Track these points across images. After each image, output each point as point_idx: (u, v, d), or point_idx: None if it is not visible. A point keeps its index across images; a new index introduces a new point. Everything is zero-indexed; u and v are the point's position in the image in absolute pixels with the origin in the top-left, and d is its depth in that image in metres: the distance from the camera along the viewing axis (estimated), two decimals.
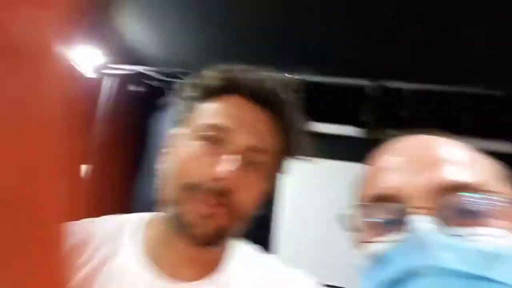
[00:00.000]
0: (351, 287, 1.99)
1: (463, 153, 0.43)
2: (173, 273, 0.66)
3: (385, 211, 0.42)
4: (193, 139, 0.66)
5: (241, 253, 0.73)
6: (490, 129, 1.94)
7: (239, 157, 0.63)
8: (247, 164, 0.65)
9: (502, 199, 0.39)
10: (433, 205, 0.38)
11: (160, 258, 0.67)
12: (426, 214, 0.38)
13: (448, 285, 0.35)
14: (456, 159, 0.42)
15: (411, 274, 0.37)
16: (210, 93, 0.70)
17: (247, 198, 0.65)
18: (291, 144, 0.72)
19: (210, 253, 0.68)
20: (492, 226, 0.37)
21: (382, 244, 0.41)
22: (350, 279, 2.16)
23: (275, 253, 2.16)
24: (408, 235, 0.38)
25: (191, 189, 0.62)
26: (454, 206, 0.38)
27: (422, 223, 0.37)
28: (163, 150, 0.72)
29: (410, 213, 0.39)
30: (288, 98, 0.71)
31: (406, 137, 0.47)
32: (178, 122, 0.73)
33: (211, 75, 0.71)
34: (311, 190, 2.47)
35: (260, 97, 0.69)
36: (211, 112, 0.68)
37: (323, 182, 2.46)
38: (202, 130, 0.66)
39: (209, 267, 0.68)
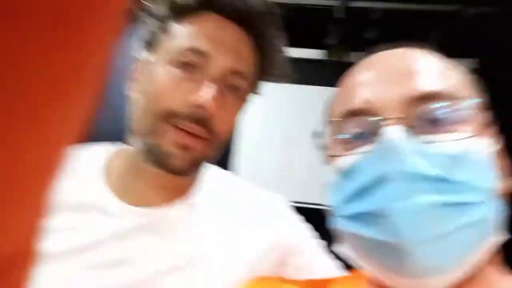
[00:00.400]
0: (312, 201, 2.10)
1: (433, 63, 0.43)
2: (143, 200, 0.65)
3: (357, 125, 0.42)
4: (168, 64, 0.61)
5: (212, 176, 0.72)
6: (458, 48, 1.93)
7: (219, 82, 0.60)
8: (227, 88, 0.62)
9: (469, 106, 0.39)
10: (405, 115, 0.39)
11: (129, 187, 0.65)
12: (398, 123, 0.38)
13: (416, 188, 0.36)
14: (426, 69, 0.42)
15: (379, 181, 0.37)
16: (184, 10, 0.64)
17: (225, 124, 0.63)
18: (269, 66, 0.69)
19: (182, 179, 0.66)
20: (460, 131, 0.38)
21: (351, 157, 0.41)
22: (310, 195, 2.27)
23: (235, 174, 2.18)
24: (379, 144, 0.39)
25: (169, 117, 0.59)
26: (425, 116, 0.39)
27: (393, 132, 0.38)
28: (132, 77, 0.67)
29: (382, 124, 0.39)
30: (268, 17, 0.66)
31: (378, 52, 0.46)
32: (149, 45, 0.66)
33: None
34: (274, 112, 2.47)
35: (239, 15, 0.64)
36: (187, 34, 0.62)
37: (287, 105, 2.47)
38: (179, 54, 0.61)
39: (181, 191, 0.67)
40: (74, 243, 0.61)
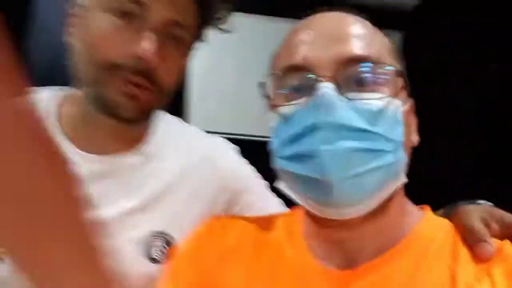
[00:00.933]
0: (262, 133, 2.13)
1: (364, 30, 0.51)
2: (99, 148, 0.69)
3: (295, 80, 0.49)
4: (105, 11, 0.62)
5: (164, 124, 0.76)
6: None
7: (160, 33, 0.62)
8: (168, 39, 0.64)
9: (389, 71, 0.49)
10: (337, 74, 0.47)
11: (84, 136, 0.68)
12: (330, 81, 0.46)
13: (339, 136, 0.45)
14: (357, 35, 0.50)
15: (311, 129, 0.46)
16: None
17: (170, 75, 0.66)
18: (210, 15, 0.71)
19: (134, 128, 0.69)
20: (379, 92, 0.48)
21: (290, 107, 0.49)
22: (261, 129, 2.31)
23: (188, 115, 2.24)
24: (312, 97, 0.47)
25: (111, 68, 0.61)
26: (352, 76, 0.48)
27: (326, 89, 0.45)
28: (71, 22, 0.67)
29: (317, 81, 0.47)
30: None
31: (319, 14, 0.53)
32: None
33: None
34: (227, 43, 2.40)
35: None
36: None
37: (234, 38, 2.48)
38: (116, 2, 0.61)
39: (135, 139, 0.71)
40: None
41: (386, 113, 0.47)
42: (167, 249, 0.66)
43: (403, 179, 0.50)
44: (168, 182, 0.71)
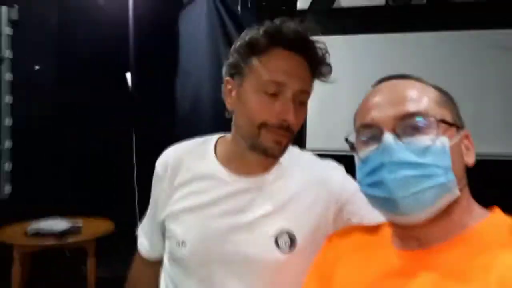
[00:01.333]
0: None
1: (415, 92, 0.70)
2: (245, 172, 1.00)
3: (369, 133, 0.71)
4: (258, 92, 0.92)
5: (290, 153, 1.04)
6: None
7: (293, 100, 0.92)
8: (298, 103, 0.94)
9: (435, 119, 0.66)
10: (395, 127, 0.67)
11: (235, 163, 1.02)
12: (390, 132, 0.67)
13: (399, 168, 0.65)
14: (410, 97, 0.69)
15: (380, 166, 0.67)
16: (259, 47, 0.93)
17: (299, 124, 0.96)
18: (320, 76, 0.98)
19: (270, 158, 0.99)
20: (428, 134, 0.66)
21: (366, 152, 0.71)
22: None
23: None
24: (379, 145, 0.67)
25: (262, 126, 0.92)
26: (407, 125, 0.67)
27: (387, 137, 0.66)
28: (225, 92, 1.00)
29: (381, 132, 0.68)
30: (315, 43, 0.95)
31: (385, 83, 0.75)
32: (234, 71, 0.98)
33: (256, 31, 0.94)
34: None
35: (298, 47, 0.93)
36: (266, 68, 0.92)
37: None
38: (264, 85, 0.92)
39: (270, 164, 1.01)
40: (203, 200, 1.00)
41: (433, 147, 0.65)
42: (290, 242, 0.94)
43: (457, 193, 0.66)
44: (293, 194, 0.98)
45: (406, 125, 0.67)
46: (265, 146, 0.94)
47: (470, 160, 0.71)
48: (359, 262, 0.77)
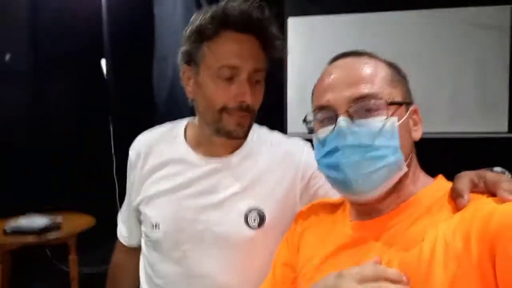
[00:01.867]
0: None
1: (368, 72, 0.73)
2: (212, 154, 1.05)
3: (324, 114, 0.75)
4: (213, 77, 0.95)
5: (255, 133, 1.09)
6: None
7: (249, 80, 0.95)
8: (254, 82, 0.97)
9: (386, 101, 0.71)
10: (349, 109, 0.71)
11: (202, 147, 1.06)
12: (344, 115, 0.71)
13: (352, 152, 0.70)
14: (363, 78, 0.73)
15: (335, 150, 0.72)
16: (209, 34, 0.94)
17: (258, 102, 1.00)
18: (274, 53, 1.01)
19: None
20: (379, 115, 0.70)
21: (322, 133, 0.75)
22: None
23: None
24: (335, 128, 0.72)
25: (223, 110, 0.96)
26: (360, 108, 0.71)
27: (342, 121, 0.71)
28: (184, 80, 1.03)
29: (336, 115, 0.72)
30: (267, 20, 0.96)
31: (338, 61, 0.78)
32: (190, 59, 1.00)
33: (203, 16, 0.94)
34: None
35: (248, 27, 0.95)
36: (219, 54, 0.94)
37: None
38: (218, 70, 0.94)
39: (236, 146, 1.06)
40: (175, 183, 1.03)
41: (384, 129, 0.70)
42: (258, 219, 0.99)
43: (405, 169, 0.72)
44: (260, 172, 1.03)
45: (360, 106, 0.71)
46: (228, 129, 0.97)
47: (417, 135, 0.77)
48: (320, 235, 0.84)
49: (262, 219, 0.99)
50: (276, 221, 0.99)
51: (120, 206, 1.25)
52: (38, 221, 2.57)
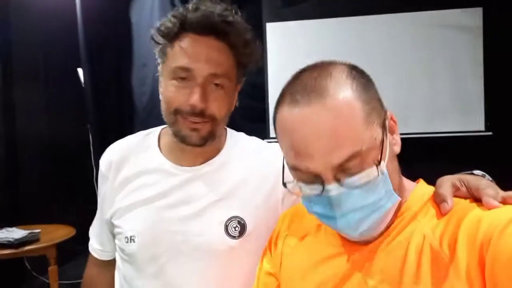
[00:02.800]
0: None
1: (345, 123, 0.62)
2: (187, 162, 1.00)
3: (306, 175, 0.65)
4: (169, 78, 0.92)
5: (232, 139, 1.05)
6: None
7: (204, 85, 0.90)
8: (213, 86, 0.91)
9: (367, 152, 0.62)
10: (332, 172, 0.62)
11: (177, 155, 1.01)
12: (331, 181, 0.63)
13: (349, 217, 0.64)
14: (342, 137, 0.61)
15: (329, 218, 0.66)
16: (170, 35, 0.92)
17: (219, 108, 0.93)
18: (242, 58, 0.95)
19: (207, 147, 0.97)
20: (366, 169, 0.62)
21: (309, 192, 0.66)
22: None
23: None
24: (323, 193, 0.64)
25: (177, 113, 0.92)
26: (343, 171, 0.62)
27: (331, 189, 0.63)
28: (159, 85, 0.98)
29: (322, 180, 0.63)
30: (231, 22, 0.92)
31: (301, 108, 0.64)
32: (160, 61, 0.97)
33: (166, 21, 0.92)
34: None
35: (209, 29, 0.91)
36: (175, 54, 0.91)
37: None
38: (173, 71, 0.91)
39: (210, 154, 1.01)
40: (150, 194, 0.99)
41: (375, 181, 0.63)
42: (239, 228, 0.96)
43: (398, 199, 0.67)
44: (239, 180, 0.99)
45: (344, 168, 0.62)
46: (183, 134, 0.93)
47: (397, 148, 0.70)
48: (303, 241, 0.81)
49: (243, 227, 0.96)
50: (258, 229, 0.96)
51: None
52: (15, 233, 2.52)
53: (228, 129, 1.07)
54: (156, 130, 1.09)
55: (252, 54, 0.96)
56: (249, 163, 1.02)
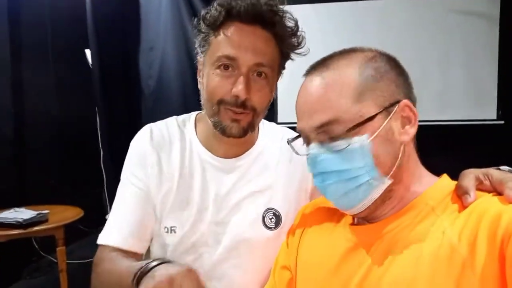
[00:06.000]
0: None
1: (330, 95, 0.70)
2: (224, 154, 1.01)
3: (303, 138, 0.75)
4: (213, 68, 0.91)
5: (265, 130, 1.07)
6: None
7: (248, 74, 0.90)
8: (256, 76, 0.91)
9: (350, 122, 0.68)
10: (315, 133, 0.71)
11: (213, 145, 1.01)
12: (315, 141, 0.71)
13: (327, 177, 0.70)
14: (325, 102, 0.70)
15: (313, 174, 0.73)
16: (215, 24, 0.91)
17: (260, 100, 0.93)
18: (287, 48, 0.95)
19: (244, 138, 0.97)
20: (346, 138, 0.68)
21: (305, 151, 0.74)
22: None
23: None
24: (308, 153, 0.72)
25: (220, 103, 0.91)
26: (326, 133, 0.69)
27: (312, 149, 0.71)
28: (198, 72, 0.99)
29: (308, 140, 0.73)
30: (277, 13, 0.91)
31: (307, 76, 0.75)
32: (201, 50, 0.96)
33: (211, 9, 0.91)
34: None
35: (254, 19, 0.90)
36: (220, 43, 0.91)
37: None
38: (217, 60, 0.90)
39: (246, 146, 1.02)
40: (190, 185, 0.99)
41: (353, 151, 0.68)
42: (275, 219, 0.99)
43: (387, 182, 0.69)
44: (271, 173, 1.02)
45: (325, 132, 0.69)
46: (224, 125, 0.93)
47: (406, 137, 0.71)
48: (320, 238, 0.83)
49: (278, 219, 0.99)
50: (290, 221, 0.97)
51: (108, 197, 1.20)
52: (23, 214, 2.54)
53: None
54: (191, 118, 1.07)
55: (297, 44, 0.95)
56: (280, 155, 1.04)
